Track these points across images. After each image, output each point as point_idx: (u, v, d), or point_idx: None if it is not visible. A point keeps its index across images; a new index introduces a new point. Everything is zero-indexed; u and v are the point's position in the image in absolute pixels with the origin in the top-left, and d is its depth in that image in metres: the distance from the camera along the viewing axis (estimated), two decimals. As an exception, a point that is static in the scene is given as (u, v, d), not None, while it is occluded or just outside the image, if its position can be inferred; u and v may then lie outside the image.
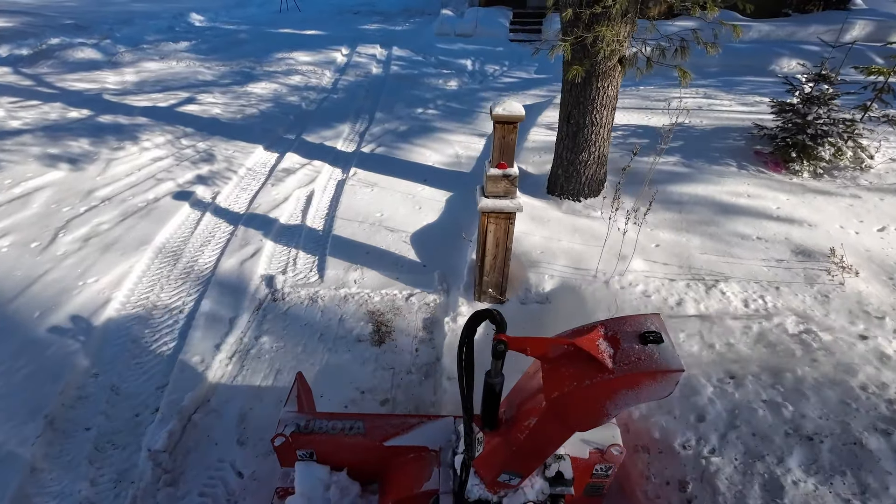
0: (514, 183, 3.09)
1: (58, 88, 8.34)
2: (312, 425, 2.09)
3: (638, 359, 1.30)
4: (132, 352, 3.21)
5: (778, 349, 2.78)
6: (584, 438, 2.02)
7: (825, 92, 5.05)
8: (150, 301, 3.66)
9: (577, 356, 1.36)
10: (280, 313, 3.61)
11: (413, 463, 2.05)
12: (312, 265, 4.10)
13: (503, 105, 2.83)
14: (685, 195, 4.72)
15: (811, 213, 4.34)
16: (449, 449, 2.04)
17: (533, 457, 1.64)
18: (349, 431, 2.09)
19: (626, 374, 1.28)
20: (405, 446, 2.08)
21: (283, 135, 6.82)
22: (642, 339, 1.34)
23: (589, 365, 1.33)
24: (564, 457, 1.87)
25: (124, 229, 4.38)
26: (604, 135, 4.35)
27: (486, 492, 1.78)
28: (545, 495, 1.83)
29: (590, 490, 2.13)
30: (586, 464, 2.02)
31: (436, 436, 2.11)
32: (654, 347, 1.32)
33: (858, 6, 13.94)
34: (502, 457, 1.63)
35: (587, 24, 3.37)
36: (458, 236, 4.39)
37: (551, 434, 1.51)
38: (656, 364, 1.29)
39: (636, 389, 1.32)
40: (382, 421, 2.18)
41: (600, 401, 1.35)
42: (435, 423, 2.17)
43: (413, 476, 2.00)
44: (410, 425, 2.15)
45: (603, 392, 1.33)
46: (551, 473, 1.83)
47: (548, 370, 1.44)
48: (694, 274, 3.55)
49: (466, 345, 1.49)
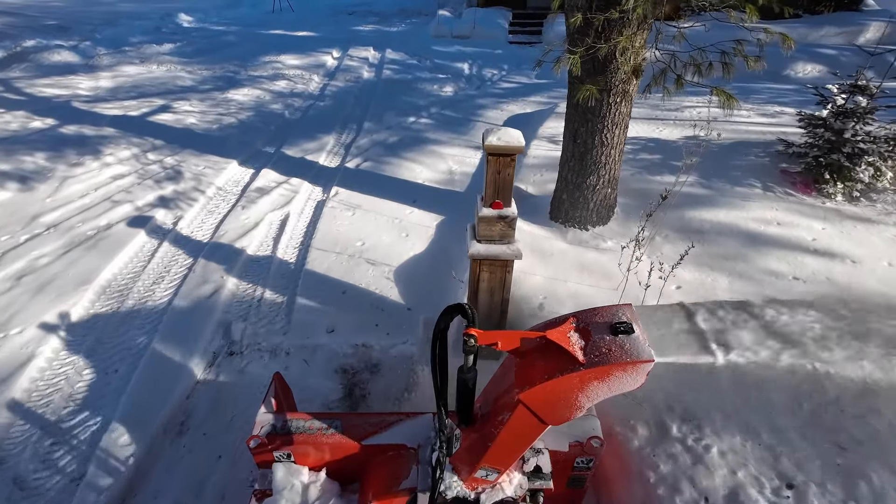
0: (512, 226, 2.54)
1: (25, 95, 7.78)
2: (289, 426, 2.05)
3: (609, 350, 1.30)
4: (49, 430, 2.65)
5: (840, 438, 2.23)
6: (563, 431, 2.00)
7: (861, 105, 4.50)
8: (81, 357, 3.10)
9: (549, 349, 1.37)
10: (236, 371, 3.06)
11: (391, 461, 2.03)
12: (279, 309, 3.54)
13: (498, 134, 2.28)
14: (706, 222, 4.17)
15: (853, 245, 3.79)
16: (427, 446, 1.99)
17: (509, 452, 1.62)
18: (326, 431, 2.05)
19: (597, 367, 1.28)
20: (383, 444, 2.06)
21: (262, 147, 6.26)
22: (613, 331, 1.34)
23: (560, 357, 1.33)
24: (543, 451, 1.88)
25: (65, 264, 3.83)
26: (615, 156, 3.80)
27: (463, 488, 1.75)
28: (524, 490, 1.81)
29: (572, 483, 2.14)
30: (566, 457, 2.02)
31: (414, 433, 2.09)
32: (625, 338, 1.32)
33: (871, 7, 13.38)
34: (479, 452, 1.63)
35: (599, 32, 2.82)
36: (448, 271, 3.84)
37: (526, 428, 1.49)
38: (627, 355, 1.28)
39: (607, 381, 1.31)
40: (360, 420, 2.16)
41: (572, 393, 1.35)
42: (413, 421, 2.15)
43: (391, 474, 1.98)
44: (389, 423, 2.13)
45: (574, 385, 1.32)
46: (529, 468, 1.82)
47: (520, 364, 1.46)
48: (725, 327, 3.00)
49: (439, 340, 1.49)
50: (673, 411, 2.41)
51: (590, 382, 1.31)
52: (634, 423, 2.39)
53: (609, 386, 1.32)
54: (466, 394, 1.58)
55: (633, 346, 1.30)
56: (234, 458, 2.56)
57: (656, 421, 2.39)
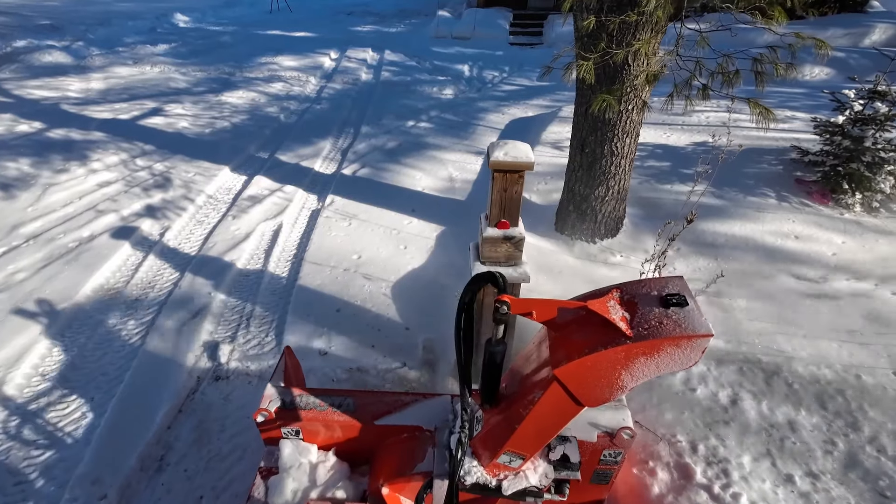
0: (520, 247, 2.33)
1: (13, 97, 7.57)
2: (299, 401, 1.98)
3: (659, 323, 1.17)
4: (11, 471, 2.43)
5: (881, 485, 2.03)
6: (592, 421, 1.88)
7: (880, 111, 4.30)
8: (54, 384, 2.88)
9: (590, 321, 1.23)
10: (220, 399, 2.85)
11: (406, 443, 1.94)
12: (269, 328, 3.33)
13: (505, 148, 2.07)
14: (720, 235, 3.97)
15: (876, 261, 3.59)
16: (445, 429, 1.88)
17: (537, 436, 1.49)
18: (338, 409, 1.97)
19: (647, 340, 1.14)
20: (398, 426, 1.97)
21: (256, 153, 6.05)
22: (664, 303, 1.20)
23: (603, 330, 1.19)
24: (571, 439, 1.74)
25: (43, 279, 3.61)
26: (625, 166, 3.60)
27: (484, 474, 1.64)
28: (549, 479, 1.67)
29: (596, 477, 1.99)
30: (594, 448, 1.88)
31: (431, 415, 1.99)
32: (678, 311, 1.18)
33: (876, 8, 13.22)
34: (503, 436, 1.51)
35: (612, 36, 2.61)
36: (449, 286, 3.63)
37: (558, 410, 1.36)
38: (680, 328, 1.14)
39: (657, 357, 1.17)
40: (374, 398, 2.07)
41: (616, 370, 1.21)
42: (430, 402, 2.05)
43: (405, 457, 1.88)
44: (404, 403, 2.04)
45: (619, 360, 1.19)
46: (556, 456, 1.69)
47: (555, 338, 1.33)
48: (746, 353, 2.79)
49: (465, 311, 1.38)
50: (696, 453, 2.20)
51: (636, 358, 1.17)
52: (654, 466, 2.18)
53: (658, 363, 1.18)
54: (493, 370, 1.45)
55: (688, 319, 1.16)
56: (219, 497, 2.35)
57: (677, 463, 2.19)
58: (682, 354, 1.17)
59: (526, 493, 1.64)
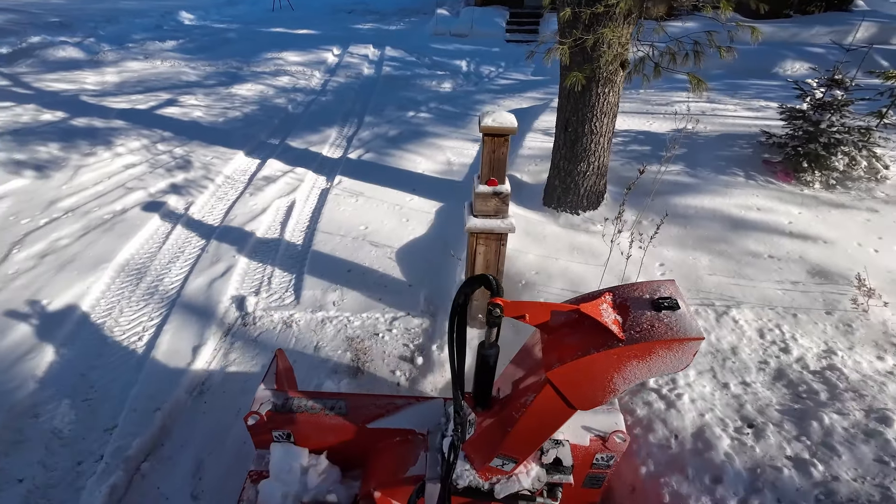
0: (506, 201, 2.78)
1: (34, 89, 7.97)
2: (290, 404, 1.96)
3: (651, 326, 1.17)
4: (80, 388, 2.87)
5: (800, 390, 2.48)
6: (585, 425, 1.88)
7: (837, 98, 4.76)
8: (106, 327, 3.32)
9: (582, 324, 1.25)
10: (250, 340, 3.29)
11: (398, 447, 1.93)
12: (288, 284, 3.77)
13: (493, 115, 2.51)
14: (691, 208, 4.42)
15: (827, 228, 4.04)
16: (437, 432, 1.90)
17: (530, 439, 1.50)
18: (330, 411, 1.95)
19: (639, 343, 1.15)
20: (390, 429, 1.96)
21: (267, 139, 6.49)
22: (655, 306, 1.22)
23: (595, 333, 1.20)
24: (563, 442, 1.74)
25: (84, 245, 4.04)
26: (604, 144, 4.04)
27: (476, 478, 1.65)
28: (541, 483, 1.67)
29: (589, 481, 1.99)
30: (587, 452, 1.88)
31: (424, 418, 1.98)
32: (670, 314, 1.19)
33: (860, 7, 13.69)
34: (495, 439, 1.51)
35: (587, 25, 3.06)
36: (447, 252, 4.07)
37: (551, 413, 1.37)
38: (672, 332, 1.15)
39: (649, 360, 1.19)
40: (367, 401, 2.05)
41: (608, 373, 1.22)
42: (423, 405, 2.04)
43: (398, 461, 1.88)
44: (397, 406, 2.02)
45: (612, 363, 1.20)
46: (549, 460, 1.69)
47: (548, 340, 1.32)
48: (703, 299, 3.25)
49: (458, 314, 1.37)
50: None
51: (628, 361, 1.19)
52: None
53: (650, 366, 1.21)
54: (486, 373, 1.45)
55: (680, 322, 1.17)
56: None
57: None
58: (673, 357, 1.18)
59: (518, 497, 1.64)
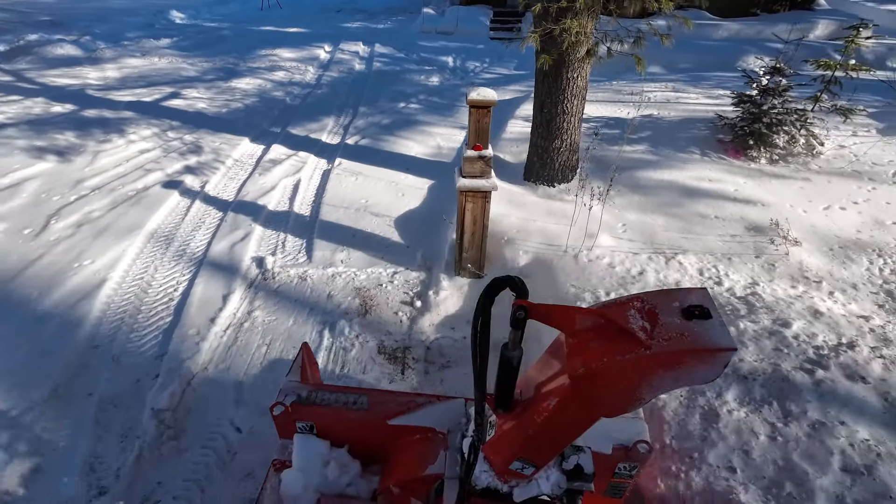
0: (489, 164, 3.34)
1: (39, 84, 8.33)
2: (314, 396, 2.01)
3: (681, 334, 1.11)
4: (130, 326, 3.38)
5: (727, 309, 3.09)
6: (607, 433, 1.83)
7: (780, 84, 5.44)
8: (144, 281, 3.82)
9: (609, 330, 1.20)
10: (271, 291, 3.81)
11: (418, 444, 1.94)
12: (301, 247, 4.30)
13: (477, 91, 3.08)
14: (652, 181, 5.04)
15: (766, 194, 4.69)
16: (458, 432, 1.88)
17: (550, 444, 1.47)
18: (352, 406, 1.99)
19: (667, 351, 1.10)
20: (411, 426, 1.98)
21: (269, 128, 6.98)
22: (686, 314, 1.15)
23: (622, 339, 1.15)
24: (585, 449, 1.65)
25: (115, 216, 4.52)
26: (575, 123, 4.64)
27: (495, 479, 1.61)
28: (561, 490, 1.62)
29: (611, 490, 1.96)
30: (609, 460, 1.85)
31: (444, 417, 1.98)
32: (701, 323, 1.13)
33: (822, 6, 14.60)
34: (516, 442, 1.48)
35: (555, 18, 3.65)
36: (440, 220, 4.63)
37: (573, 418, 1.34)
38: (703, 341, 1.09)
39: (677, 370, 1.13)
40: (388, 397, 2.10)
41: (634, 381, 1.17)
42: (444, 404, 2.04)
43: (417, 458, 1.89)
44: (418, 404, 2.03)
45: (638, 371, 1.14)
46: (569, 466, 1.62)
47: (573, 344, 1.27)
48: (656, 248, 3.86)
49: (482, 316, 1.32)
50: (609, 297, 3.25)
51: (655, 370, 1.14)
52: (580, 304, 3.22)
53: (677, 376, 1.16)
54: (509, 375, 1.42)
55: (710, 332, 1.11)
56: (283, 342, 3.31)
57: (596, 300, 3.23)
58: (703, 368, 1.13)
59: (537, 502, 1.62)
